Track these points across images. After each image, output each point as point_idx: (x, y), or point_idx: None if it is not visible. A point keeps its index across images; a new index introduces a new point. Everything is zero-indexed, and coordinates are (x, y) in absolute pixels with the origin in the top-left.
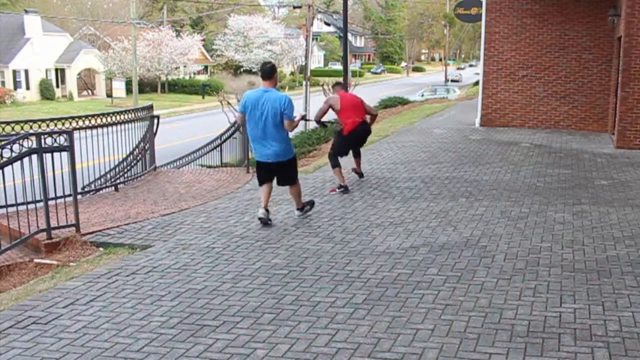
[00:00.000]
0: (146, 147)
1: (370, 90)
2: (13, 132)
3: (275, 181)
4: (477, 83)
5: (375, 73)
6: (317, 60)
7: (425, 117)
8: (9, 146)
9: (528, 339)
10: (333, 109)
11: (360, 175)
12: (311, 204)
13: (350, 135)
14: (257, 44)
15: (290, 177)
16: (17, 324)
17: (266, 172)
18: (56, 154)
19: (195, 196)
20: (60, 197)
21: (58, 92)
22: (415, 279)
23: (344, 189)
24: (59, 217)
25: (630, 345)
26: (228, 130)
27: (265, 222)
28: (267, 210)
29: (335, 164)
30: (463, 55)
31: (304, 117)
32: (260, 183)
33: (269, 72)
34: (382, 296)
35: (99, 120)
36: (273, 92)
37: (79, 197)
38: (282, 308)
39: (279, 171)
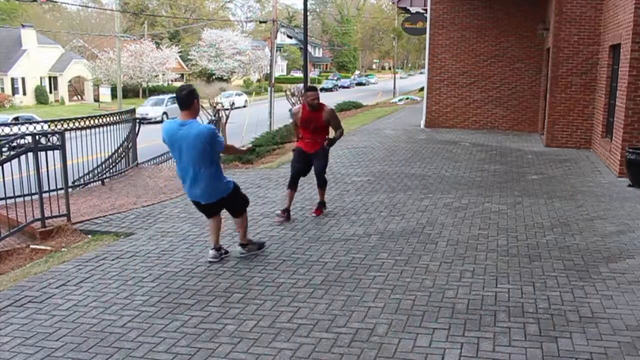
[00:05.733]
0: (129, 146)
1: (328, 95)
2: (11, 133)
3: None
4: (422, 89)
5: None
6: (280, 69)
7: (376, 120)
8: (7, 145)
9: (467, 315)
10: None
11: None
12: (260, 245)
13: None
14: (227, 54)
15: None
16: (15, 303)
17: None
18: (49, 152)
19: (173, 189)
20: (53, 190)
21: (51, 98)
22: (367, 263)
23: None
24: (52, 208)
25: (558, 321)
26: None
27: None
28: (217, 249)
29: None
30: (410, 65)
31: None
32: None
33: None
34: (338, 278)
35: (87, 122)
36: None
37: (69, 190)
38: (250, 288)
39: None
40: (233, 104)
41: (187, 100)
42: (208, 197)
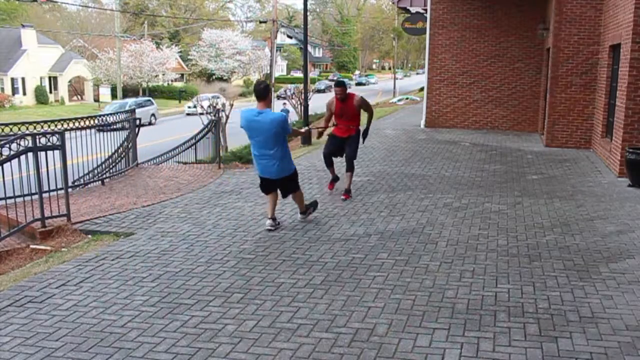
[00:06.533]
0: (129, 146)
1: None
2: (11, 133)
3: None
4: (422, 89)
5: (333, 80)
6: (280, 69)
7: (376, 119)
8: (7, 145)
9: (467, 315)
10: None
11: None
12: (314, 205)
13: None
14: (227, 54)
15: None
16: (15, 303)
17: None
18: (49, 152)
19: (173, 189)
20: (53, 190)
21: (51, 97)
22: (367, 263)
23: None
24: (52, 208)
25: (558, 321)
26: (202, 130)
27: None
28: (273, 219)
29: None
30: (410, 65)
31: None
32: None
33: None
34: (338, 278)
35: (87, 122)
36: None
37: (69, 190)
38: (250, 288)
39: (281, 184)
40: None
41: (264, 93)
42: (280, 172)
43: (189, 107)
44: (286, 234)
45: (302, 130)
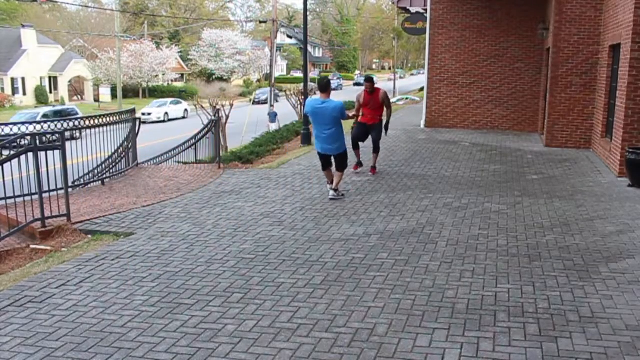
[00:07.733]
0: (129, 146)
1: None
2: (11, 133)
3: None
4: (422, 89)
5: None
6: (280, 69)
7: None
8: (7, 145)
9: (467, 315)
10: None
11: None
12: (343, 195)
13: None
14: (227, 54)
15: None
16: (15, 303)
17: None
18: (49, 152)
19: (173, 189)
20: (53, 190)
21: (51, 97)
22: (367, 263)
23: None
24: (52, 208)
25: (558, 321)
26: (202, 130)
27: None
28: (336, 190)
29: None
30: (410, 65)
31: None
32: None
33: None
34: (338, 278)
35: (88, 122)
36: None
37: (69, 190)
38: (250, 288)
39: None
40: (166, 114)
41: (326, 86)
42: (336, 149)
43: (144, 114)
44: (286, 234)
45: (351, 114)
